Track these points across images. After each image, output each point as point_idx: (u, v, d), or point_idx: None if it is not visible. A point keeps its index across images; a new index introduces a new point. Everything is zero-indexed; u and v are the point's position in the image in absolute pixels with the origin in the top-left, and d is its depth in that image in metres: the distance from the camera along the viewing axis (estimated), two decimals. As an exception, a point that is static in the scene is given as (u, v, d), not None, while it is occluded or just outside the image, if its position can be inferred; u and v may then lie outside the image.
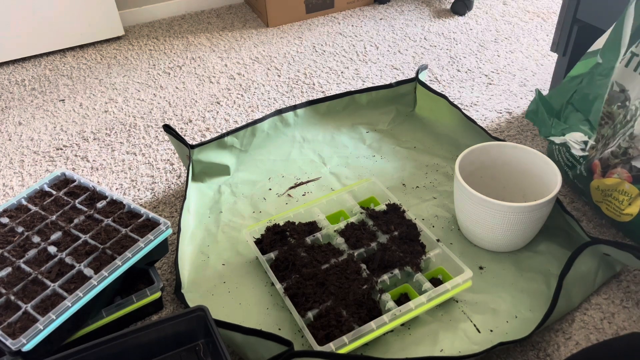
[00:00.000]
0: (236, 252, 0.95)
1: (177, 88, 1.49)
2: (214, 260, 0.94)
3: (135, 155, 1.23)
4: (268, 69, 1.56)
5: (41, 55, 1.71)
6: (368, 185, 1.02)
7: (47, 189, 0.92)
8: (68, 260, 0.78)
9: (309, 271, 0.83)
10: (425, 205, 1.03)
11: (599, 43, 0.94)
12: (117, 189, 1.14)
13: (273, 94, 1.44)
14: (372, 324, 0.75)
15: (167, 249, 0.86)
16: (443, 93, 1.28)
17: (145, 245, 0.79)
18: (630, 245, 0.78)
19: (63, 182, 0.94)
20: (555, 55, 1.29)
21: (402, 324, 0.81)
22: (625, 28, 0.89)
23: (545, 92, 1.37)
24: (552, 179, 0.88)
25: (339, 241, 0.89)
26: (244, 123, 1.29)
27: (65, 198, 0.90)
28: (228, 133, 1.12)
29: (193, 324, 0.74)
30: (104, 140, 1.29)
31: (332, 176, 1.12)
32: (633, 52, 0.89)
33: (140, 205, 1.08)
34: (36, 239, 0.82)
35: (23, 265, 0.77)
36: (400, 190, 1.07)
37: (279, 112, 1.21)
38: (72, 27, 1.68)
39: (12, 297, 0.73)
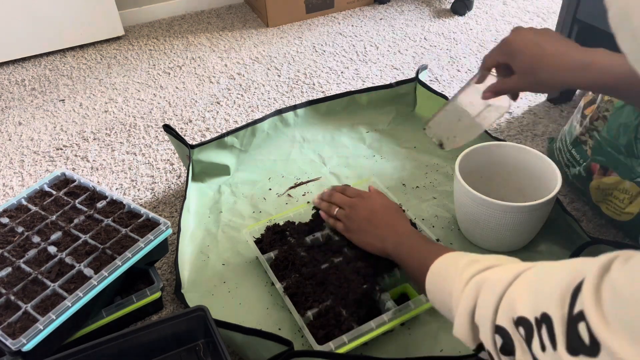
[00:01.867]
0: (236, 252, 0.95)
1: (177, 88, 1.49)
2: (214, 260, 0.94)
3: (135, 155, 1.23)
4: (268, 69, 1.56)
5: (41, 55, 1.71)
6: (368, 185, 1.02)
7: (47, 189, 0.92)
8: (68, 260, 0.78)
9: (308, 270, 0.83)
10: (425, 205, 1.03)
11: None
12: (117, 189, 1.14)
13: (273, 94, 1.44)
14: (372, 323, 0.75)
15: (167, 249, 0.86)
16: (443, 93, 1.28)
17: (145, 245, 0.79)
18: (630, 246, 0.78)
19: (63, 182, 0.94)
20: (555, 55, 1.29)
21: (402, 324, 0.81)
22: None
23: (545, 94, 1.37)
24: (552, 179, 0.88)
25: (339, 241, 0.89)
26: (244, 123, 1.29)
27: (65, 198, 0.90)
28: (228, 133, 1.12)
29: (193, 324, 0.74)
30: (104, 140, 1.29)
31: (332, 176, 1.12)
32: None
33: (140, 205, 1.08)
34: (36, 239, 0.82)
35: (23, 265, 0.77)
36: (400, 190, 1.07)
37: (279, 112, 1.21)
38: (72, 27, 1.68)
39: (12, 297, 0.73)
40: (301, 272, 0.83)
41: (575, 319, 0.32)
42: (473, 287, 0.50)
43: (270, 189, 1.09)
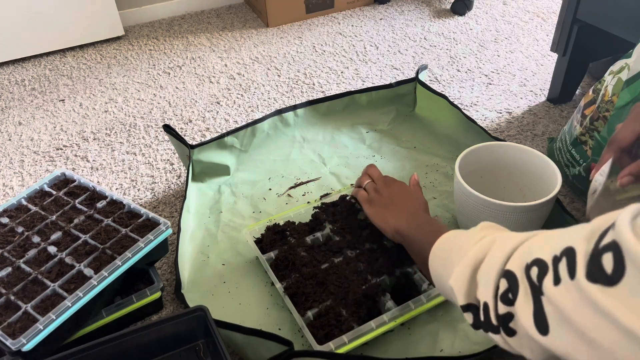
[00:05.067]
0: (236, 252, 0.95)
1: (177, 88, 1.49)
2: (214, 260, 0.94)
3: (135, 155, 1.23)
4: (268, 69, 1.56)
5: (41, 55, 1.71)
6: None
7: (47, 189, 0.92)
8: (68, 260, 0.78)
9: (308, 270, 0.83)
10: (425, 205, 1.03)
11: (637, 65, 0.87)
12: (117, 189, 1.14)
13: (273, 94, 1.44)
14: (372, 323, 0.75)
15: (167, 249, 0.86)
16: (443, 93, 1.28)
17: (145, 245, 0.79)
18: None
19: (63, 182, 0.94)
20: (555, 55, 1.29)
21: (402, 324, 0.81)
22: None
23: (545, 92, 1.37)
24: (552, 179, 0.88)
25: (339, 242, 0.89)
26: (244, 123, 1.29)
27: (65, 198, 0.90)
28: (228, 133, 1.12)
29: (193, 324, 0.74)
30: (104, 140, 1.29)
31: (332, 176, 1.12)
32: None
33: (140, 205, 1.08)
34: (36, 239, 0.82)
35: (23, 265, 0.77)
36: (400, 190, 1.07)
37: (279, 112, 1.21)
38: (72, 27, 1.68)
39: (12, 297, 0.72)
40: (301, 272, 0.83)
41: (600, 251, 0.34)
42: (488, 242, 0.52)
43: (270, 189, 1.09)
